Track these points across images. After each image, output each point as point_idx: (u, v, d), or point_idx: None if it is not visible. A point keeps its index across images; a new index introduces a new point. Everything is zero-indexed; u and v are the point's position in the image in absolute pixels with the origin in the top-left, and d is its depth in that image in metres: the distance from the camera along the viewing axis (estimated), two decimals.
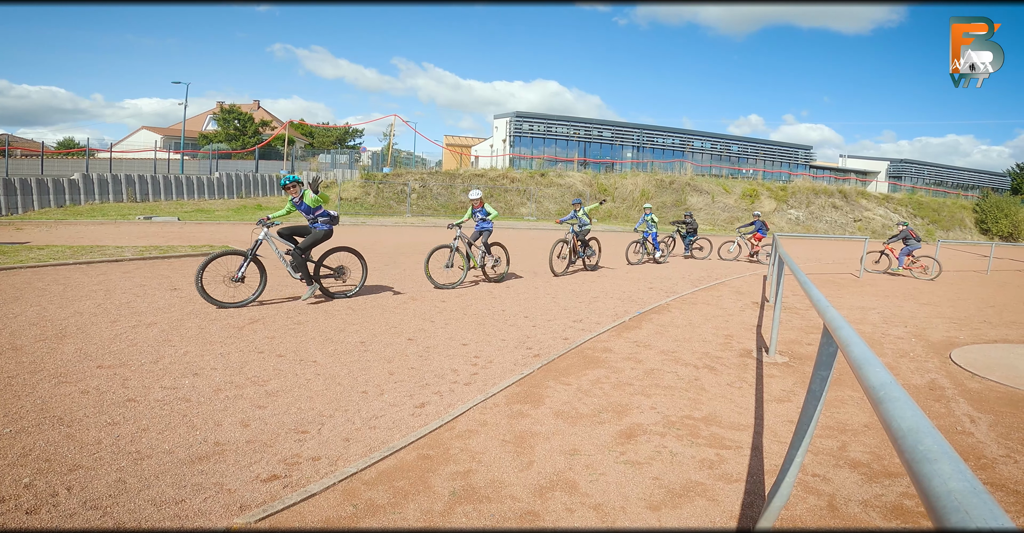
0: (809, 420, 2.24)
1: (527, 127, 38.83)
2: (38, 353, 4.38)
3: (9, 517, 2.31)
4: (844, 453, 3.36)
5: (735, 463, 3.16)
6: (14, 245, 10.40)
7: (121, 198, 22.59)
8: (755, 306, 8.10)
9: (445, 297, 7.55)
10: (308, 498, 2.59)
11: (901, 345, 6.17)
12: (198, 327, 5.41)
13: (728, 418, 3.81)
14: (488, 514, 2.55)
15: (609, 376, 4.57)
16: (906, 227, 13.01)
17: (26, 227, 15.09)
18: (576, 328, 6.20)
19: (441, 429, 3.42)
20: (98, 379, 3.90)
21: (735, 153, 42.80)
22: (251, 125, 39.95)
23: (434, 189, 27.34)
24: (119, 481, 2.63)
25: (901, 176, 43.44)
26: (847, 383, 4.58)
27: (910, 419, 1.06)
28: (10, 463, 2.72)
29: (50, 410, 3.35)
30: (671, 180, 30.99)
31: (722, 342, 5.87)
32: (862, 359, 1.53)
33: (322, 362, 4.58)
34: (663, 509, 2.66)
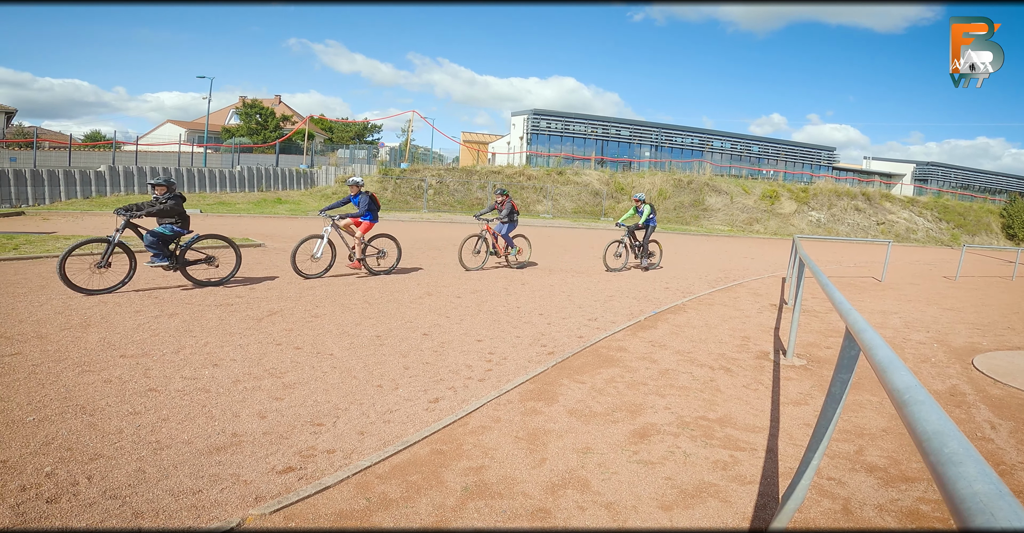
0: (828, 423, 2.21)
1: (544, 125, 38.73)
2: (63, 342, 4.48)
3: (30, 506, 2.35)
4: (861, 457, 3.31)
5: (749, 465, 3.13)
6: (41, 235, 10.64)
7: (146, 190, 22.95)
8: (773, 308, 8.01)
9: (460, 293, 7.57)
10: (322, 491, 2.61)
11: (923, 350, 6.06)
12: (218, 318, 5.49)
13: (743, 420, 3.77)
14: (500, 510, 2.56)
15: (623, 375, 4.56)
16: None
17: (53, 217, 15.43)
18: (591, 326, 6.18)
19: (455, 425, 3.43)
20: (121, 368, 3.98)
21: (755, 153, 42.27)
22: (272, 120, 40.37)
23: (451, 185, 27.39)
24: (139, 471, 2.68)
25: (927, 179, 42.57)
26: (866, 387, 4.51)
27: (935, 422, 1.06)
28: (33, 451, 2.78)
29: (73, 399, 3.42)
30: (689, 180, 30.69)
31: (739, 344, 5.81)
32: (886, 362, 1.51)
33: (338, 355, 4.63)
34: (675, 509, 2.65)
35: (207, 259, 7.22)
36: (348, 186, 8.64)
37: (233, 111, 44.07)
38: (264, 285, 7.28)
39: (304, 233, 13.94)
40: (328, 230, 8.16)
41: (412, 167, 29.91)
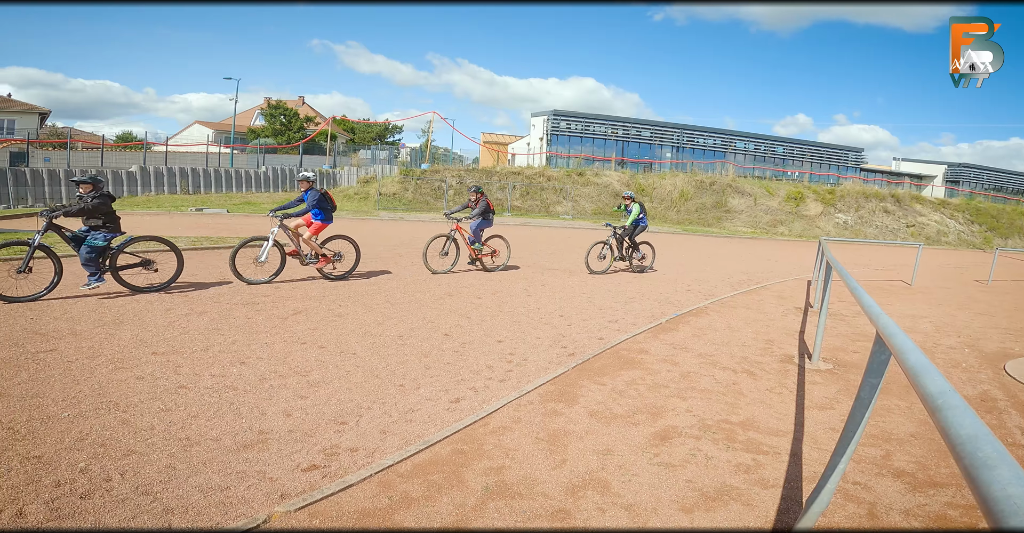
0: (856, 427, 2.19)
1: (564, 125, 38.65)
2: (97, 339, 4.62)
3: (64, 501, 2.39)
4: (888, 462, 3.26)
5: (772, 468, 3.10)
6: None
7: (175, 190, 23.57)
8: (798, 311, 7.89)
9: (481, 294, 7.61)
10: (345, 488, 2.65)
11: (953, 355, 5.92)
12: (245, 317, 5.60)
13: (767, 423, 3.73)
14: (520, 511, 2.57)
15: (644, 377, 4.53)
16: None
17: None
18: (612, 328, 6.16)
19: (475, 425, 3.46)
20: (152, 365, 4.08)
21: (780, 155, 41.64)
22: (296, 121, 40.99)
23: (470, 186, 27.48)
24: (169, 467, 2.74)
25: (959, 181, 41.48)
26: (894, 392, 4.42)
27: (969, 426, 1.07)
28: (67, 447, 2.86)
29: (107, 395, 3.52)
30: (711, 181, 30.33)
31: (762, 347, 5.74)
32: (919, 367, 1.51)
33: (361, 354, 4.69)
34: (696, 511, 2.64)
35: (143, 263, 6.53)
36: (298, 182, 7.89)
37: (258, 112, 44.86)
38: (289, 284, 7.40)
39: (328, 233, 14.13)
40: (275, 232, 7.53)
41: (432, 168, 30.11)
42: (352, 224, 17.84)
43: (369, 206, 24.24)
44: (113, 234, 6.23)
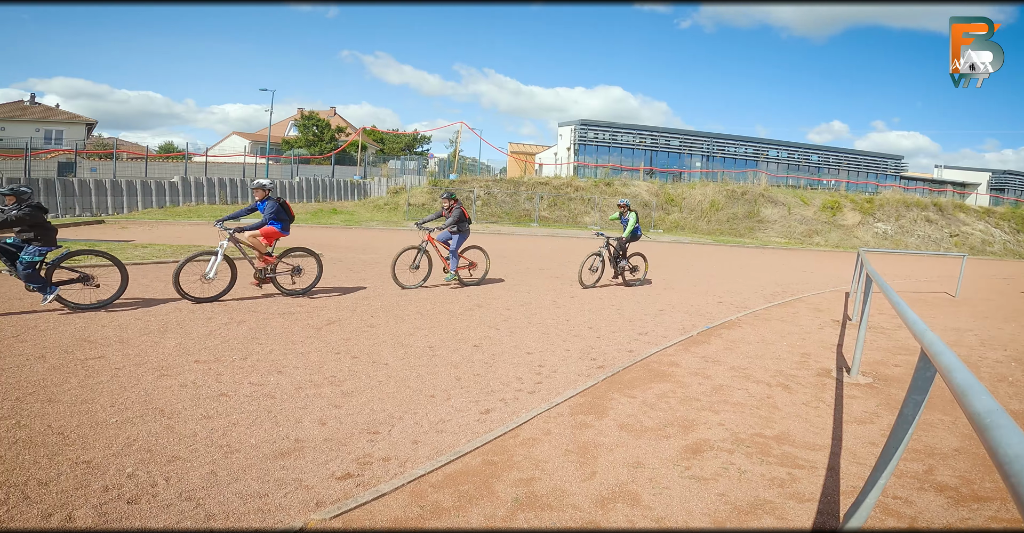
0: (898, 443, 2.16)
1: (592, 135, 38.65)
2: (142, 346, 4.80)
3: (112, 506, 2.48)
4: (930, 477, 3.16)
5: (808, 483, 3.03)
6: (120, 243, 11.43)
7: (214, 200, 24.35)
8: (836, 324, 7.70)
9: (510, 306, 7.64)
10: (378, 498, 2.70)
11: (999, 369, 5.69)
12: (282, 326, 5.75)
13: (802, 438, 3.65)
14: (549, 522, 2.57)
15: (675, 390, 4.49)
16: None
17: (131, 226, 16.53)
18: (641, 341, 6.12)
19: (505, 436, 3.47)
20: (195, 373, 4.23)
21: (815, 163, 40.80)
22: (328, 131, 41.99)
23: (499, 196, 27.65)
24: (211, 473, 2.83)
25: (1004, 188, 39.98)
26: (938, 407, 4.28)
27: (1017, 445, 1.09)
28: (115, 452, 2.97)
29: (153, 402, 3.66)
30: (743, 190, 29.84)
31: (798, 360, 5.62)
32: (966, 386, 1.50)
33: (393, 365, 4.76)
34: (728, 525, 2.60)
35: (82, 278, 6.05)
36: (252, 190, 7.20)
37: (292, 123, 46.11)
38: (322, 295, 7.56)
39: (361, 243, 14.41)
40: (224, 245, 6.80)
41: (460, 178, 30.44)
42: (383, 234, 18.15)
43: (399, 216, 24.59)
44: (48, 248, 5.74)
